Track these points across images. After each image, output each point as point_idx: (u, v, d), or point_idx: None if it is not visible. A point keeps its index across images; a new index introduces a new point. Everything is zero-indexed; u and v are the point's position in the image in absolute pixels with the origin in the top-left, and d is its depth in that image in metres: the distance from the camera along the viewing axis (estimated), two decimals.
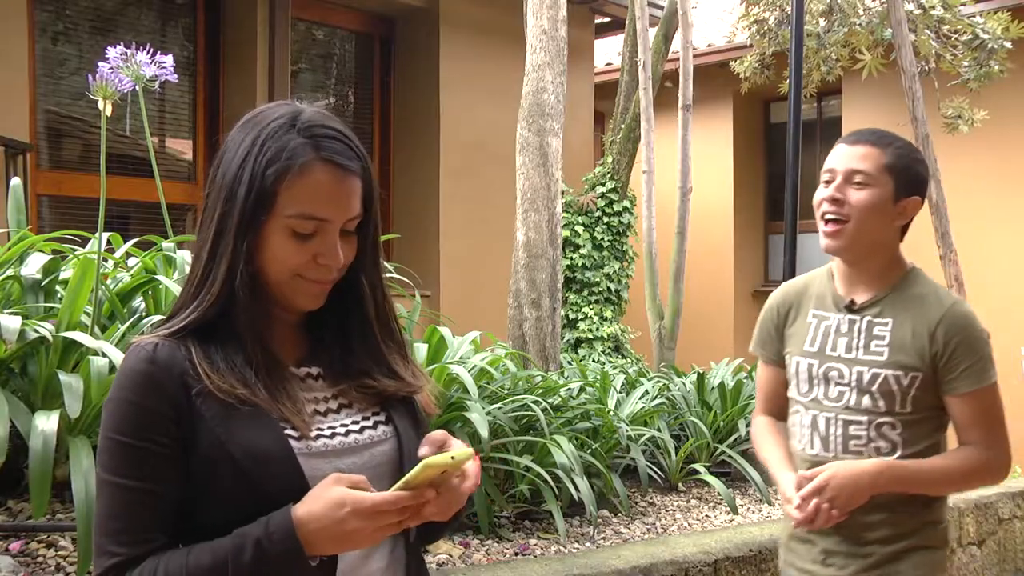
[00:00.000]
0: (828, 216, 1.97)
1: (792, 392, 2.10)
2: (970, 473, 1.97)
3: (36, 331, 2.42)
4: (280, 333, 1.28)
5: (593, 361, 7.00)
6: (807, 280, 2.16)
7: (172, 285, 2.85)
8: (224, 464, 1.15)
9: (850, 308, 2.02)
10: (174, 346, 1.19)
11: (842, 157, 1.98)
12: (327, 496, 1.11)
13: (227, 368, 1.19)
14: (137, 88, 2.68)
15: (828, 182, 1.99)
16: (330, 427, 1.24)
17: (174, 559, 1.13)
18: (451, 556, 2.87)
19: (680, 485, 4.18)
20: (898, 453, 1.95)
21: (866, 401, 1.96)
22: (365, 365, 1.31)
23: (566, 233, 7.52)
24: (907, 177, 1.97)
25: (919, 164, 2.01)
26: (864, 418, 1.97)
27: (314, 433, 1.21)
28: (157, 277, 2.91)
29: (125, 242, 3.22)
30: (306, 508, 1.12)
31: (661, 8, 7.81)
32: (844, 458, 1.97)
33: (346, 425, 1.26)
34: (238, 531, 1.12)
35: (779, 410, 2.19)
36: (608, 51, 10.94)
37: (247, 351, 1.21)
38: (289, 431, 1.19)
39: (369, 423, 1.29)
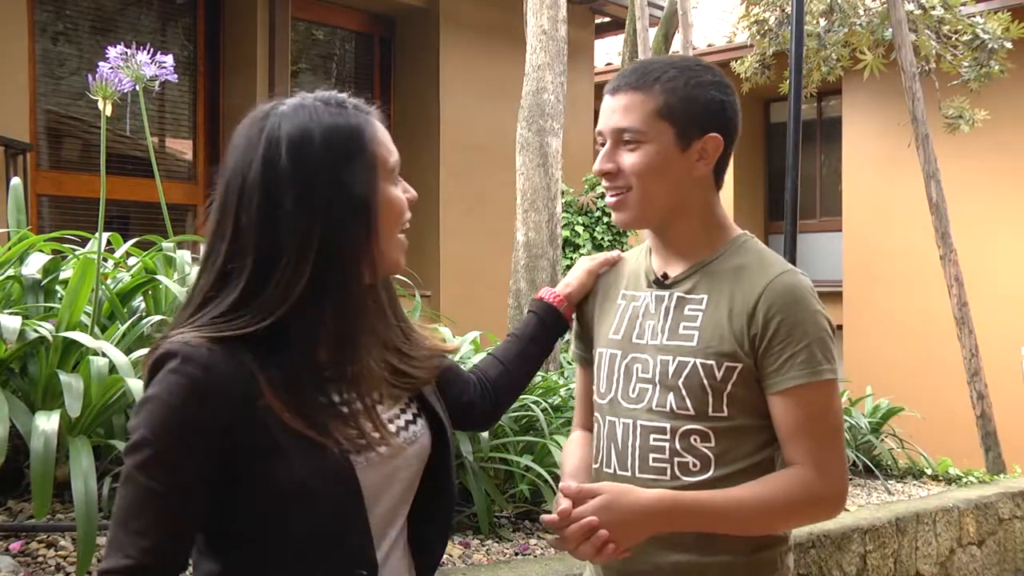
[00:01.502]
0: (608, 190, 1.58)
1: (594, 395, 1.66)
2: (791, 506, 1.46)
3: (36, 331, 2.42)
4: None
5: None
6: (624, 258, 1.74)
7: (172, 285, 2.85)
8: (285, 487, 1.12)
9: (660, 283, 1.59)
10: (229, 355, 1.12)
11: (607, 114, 1.56)
12: None
13: (293, 390, 1.13)
14: (137, 88, 2.68)
15: (602, 146, 1.58)
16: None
17: None
18: (451, 556, 2.87)
19: None
20: (710, 472, 1.49)
21: (671, 400, 1.51)
22: (393, 354, 1.31)
23: (566, 233, 7.52)
24: (691, 114, 1.52)
25: (706, 90, 1.53)
26: (667, 424, 1.51)
27: (383, 447, 1.21)
28: (157, 277, 2.91)
29: (125, 242, 3.22)
30: None
31: (661, 8, 7.81)
32: (642, 478, 1.52)
33: (392, 423, 1.26)
34: None
35: None
36: (608, 51, 10.95)
37: (311, 363, 1.16)
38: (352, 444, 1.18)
39: (409, 416, 1.29)
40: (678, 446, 1.51)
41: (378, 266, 1.22)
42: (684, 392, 1.50)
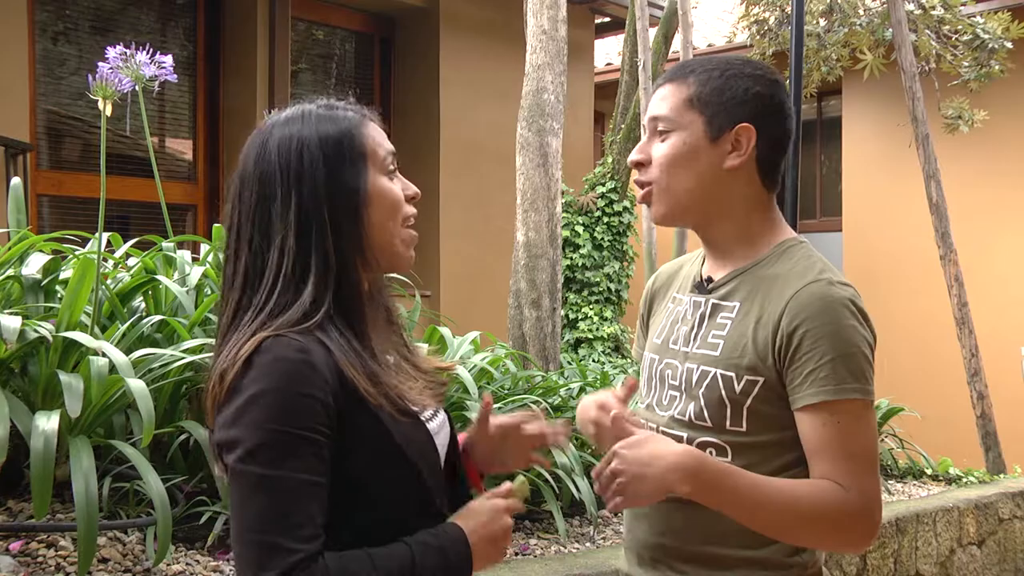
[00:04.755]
0: (637, 183, 1.54)
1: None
2: (819, 512, 1.34)
3: (36, 331, 2.42)
4: None
5: (593, 361, 7.00)
6: (686, 259, 1.68)
7: (172, 285, 2.86)
8: (391, 456, 1.18)
9: (700, 288, 1.54)
10: (309, 337, 1.17)
11: (648, 108, 1.53)
12: (483, 507, 1.25)
13: (361, 363, 1.19)
14: (137, 88, 2.68)
15: None
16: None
17: (354, 561, 1.12)
18: None
19: None
20: None
21: (691, 409, 1.45)
22: (417, 360, 1.37)
23: (566, 233, 7.52)
24: (722, 103, 1.46)
25: (740, 80, 1.47)
26: (684, 434, 1.45)
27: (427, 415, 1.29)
28: (157, 277, 2.91)
29: (125, 242, 3.22)
30: (470, 520, 1.22)
31: (661, 8, 7.81)
32: None
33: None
34: (414, 539, 1.17)
35: None
36: (608, 51, 10.94)
37: (362, 339, 1.22)
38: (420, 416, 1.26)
39: (442, 419, 1.35)
40: None
41: (376, 258, 1.26)
42: (703, 402, 1.45)
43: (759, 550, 1.43)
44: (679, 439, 1.45)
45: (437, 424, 1.29)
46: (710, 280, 1.53)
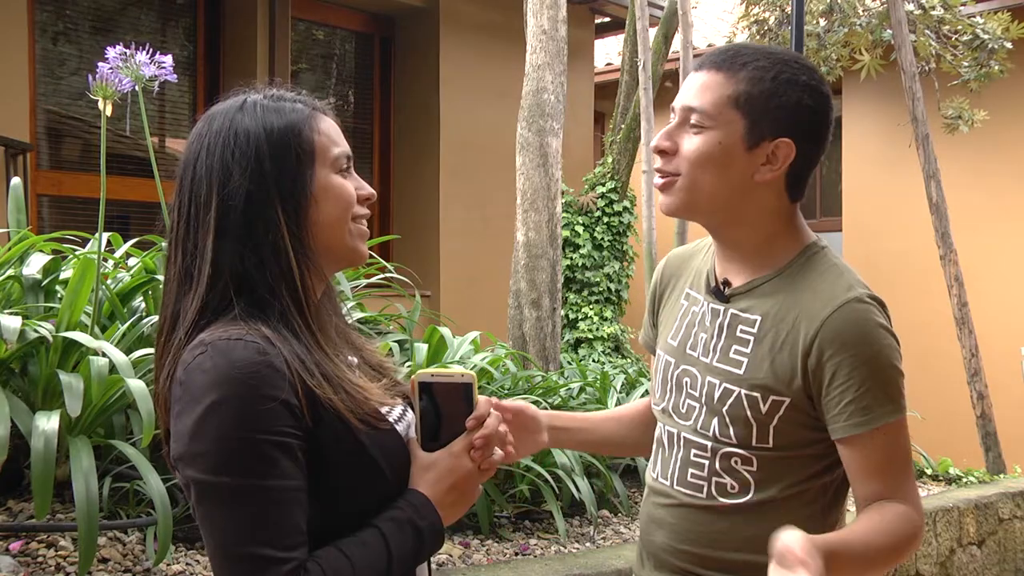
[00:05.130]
0: (657, 170, 1.45)
1: (651, 397, 1.60)
2: (903, 540, 1.36)
3: (36, 331, 2.42)
4: None
5: (593, 361, 7.00)
6: (697, 247, 1.61)
7: None
8: (355, 456, 1.13)
9: (718, 294, 1.48)
10: (260, 336, 1.10)
11: (684, 90, 1.44)
12: (425, 465, 1.19)
13: (317, 365, 1.13)
14: (137, 88, 2.69)
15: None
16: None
17: (331, 559, 1.07)
18: (451, 556, 2.87)
19: None
20: (749, 496, 1.41)
21: (715, 425, 1.43)
22: (369, 357, 1.32)
23: (566, 233, 7.52)
24: (769, 110, 1.37)
25: (794, 89, 1.38)
26: (709, 443, 1.44)
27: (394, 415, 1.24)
28: (157, 277, 2.91)
29: (125, 242, 3.22)
30: (425, 482, 1.18)
31: (661, 8, 7.81)
32: (678, 491, 1.47)
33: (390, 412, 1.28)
34: (382, 519, 1.13)
35: None
36: (608, 51, 10.94)
37: (316, 340, 1.16)
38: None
39: (399, 409, 1.28)
40: (718, 466, 1.43)
41: (325, 257, 1.19)
42: (728, 420, 1.42)
43: None
44: (703, 447, 1.45)
45: (405, 424, 1.25)
46: (727, 284, 1.47)
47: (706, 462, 1.44)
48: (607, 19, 8.88)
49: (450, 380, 1.20)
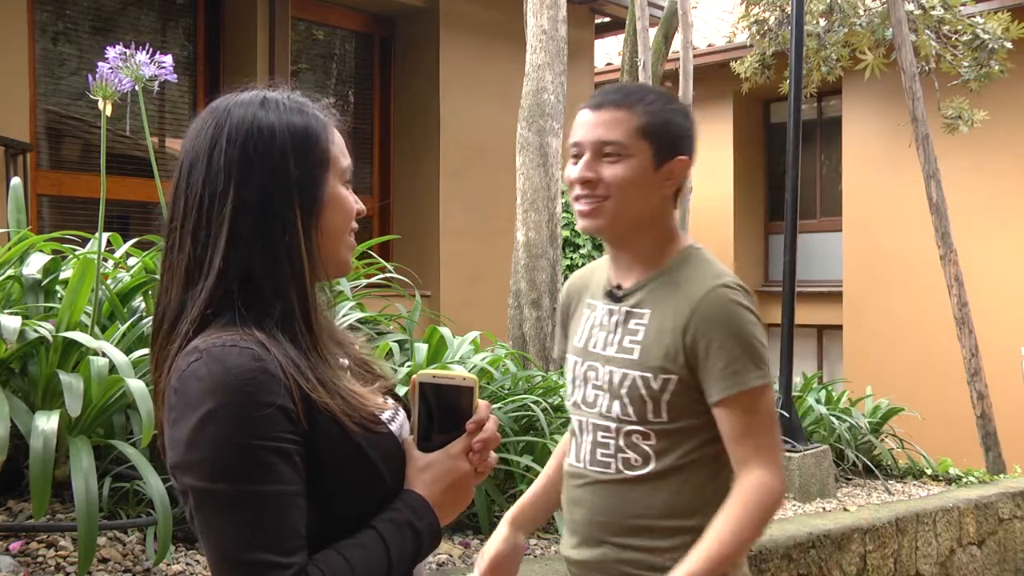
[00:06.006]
0: (581, 198, 1.67)
1: (567, 397, 1.83)
2: (761, 510, 1.56)
3: (36, 331, 2.42)
4: None
5: None
6: (595, 266, 1.86)
7: None
8: (355, 456, 1.12)
9: (612, 296, 1.72)
10: (255, 341, 1.08)
11: (588, 127, 1.67)
12: (423, 465, 1.18)
13: (313, 371, 1.12)
14: (137, 88, 2.69)
15: (577, 156, 1.68)
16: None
17: (331, 562, 1.07)
18: (451, 556, 2.87)
19: None
20: (651, 467, 1.63)
21: (616, 408, 1.65)
22: (356, 353, 1.30)
23: (566, 233, 7.52)
24: (666, 136, 1.66)
25: (678, 116, 1.70)
26: (613, 424, 1.66)
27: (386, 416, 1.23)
28: (157, 277, 2.91)
29: (125, 242, 3.22)
30: (422, 483, 1.17)
31: (661, 8, 7.81)
32: (591, 470, 1.69)
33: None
34: (380, 520, 1.12)
35: None
36: (608, 51, 10.95)
37: (315, 345, 1.15)
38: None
39: (391, 408, 1.27)
40: (622, 443, 1.65)
41: (326, 264, 1.18)
42: (627, 400, 1.64)
43: (688, 519, 1.63)
44: (607, 428, 1.67)
45: (397, 424, 1.24)
46: (619, 287, 1.71)
47: (612, 441, 1.66)
48: (607, 19, 8.88)
49: (451, 383, 1.20)
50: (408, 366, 3.35)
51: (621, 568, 1.67)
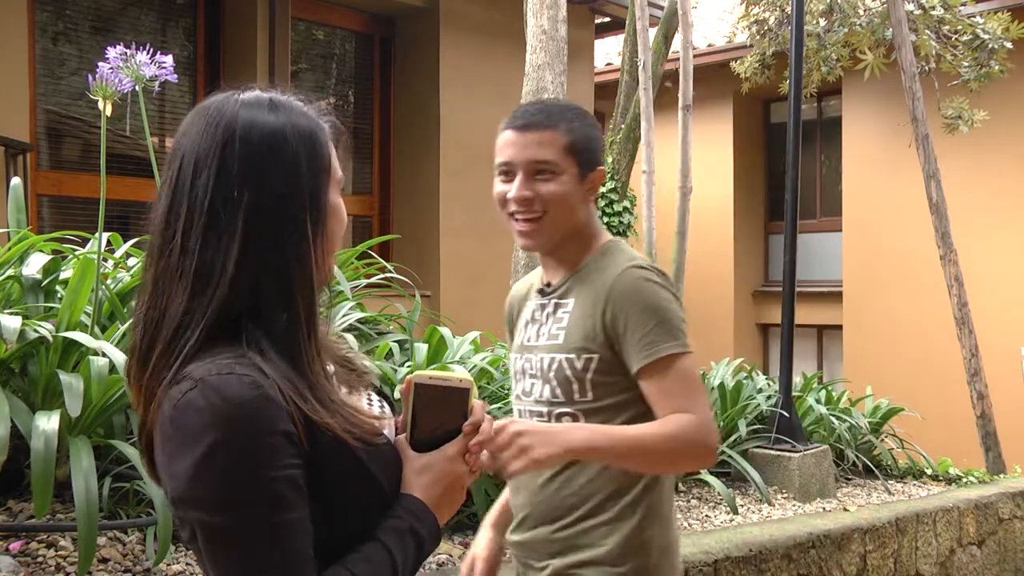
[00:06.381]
0: (520, 216, 1.78)
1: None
2: (677, 434, 1.64)
3: (36, 331, 2.42)
4: None
5: None
6: (530, 279, 1.98)
7: None
8: (357, 470, 1.11)
9: (543, 292, 1.86)
10: (250, 367, 1.05)
11: (518, 148, 1.78)
12: (419, 468, 1.18)
13: (311, 390, 1.09)
14: (137, 88, 2.69)
15: (507, 173, 1.79)
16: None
17: None
18: (451, 556, 2.87)
19: (680, 485, 4.18)
20: None
21: (547, 391, 1.78)
22: (336, 351, 1.28)
23: None
24: (588, 151, 1.79)
25: (594, 130, 1.84)
26: (545, 408, 1.78)
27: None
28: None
29: (125, 242, 3.22)
30: (420, 486, 1.17)
31: (661, 8, 7.81)
32: None
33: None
34: (384, 529, 1.12)
35: None
36: (608, 51, 10.94)
37: (315, 358, 1.12)
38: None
39: (377, 405, 1.26)
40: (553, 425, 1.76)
41: (322, 272, 1.16)
42: (555, 383, 1.77)
43: (616, 498, 1.74)
44: (540, 413, 1.79)
45: (389, 429, 1.22)
46: (548, 284, 1.85)
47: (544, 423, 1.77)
48: (607, 19, 8.88)
49: (447, 384, 1.19)
50: (408, 366, 3.35)
51: (551, 547, 1.78)
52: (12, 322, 2.32)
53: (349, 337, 3.24)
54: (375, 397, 1.27)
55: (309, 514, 1.06)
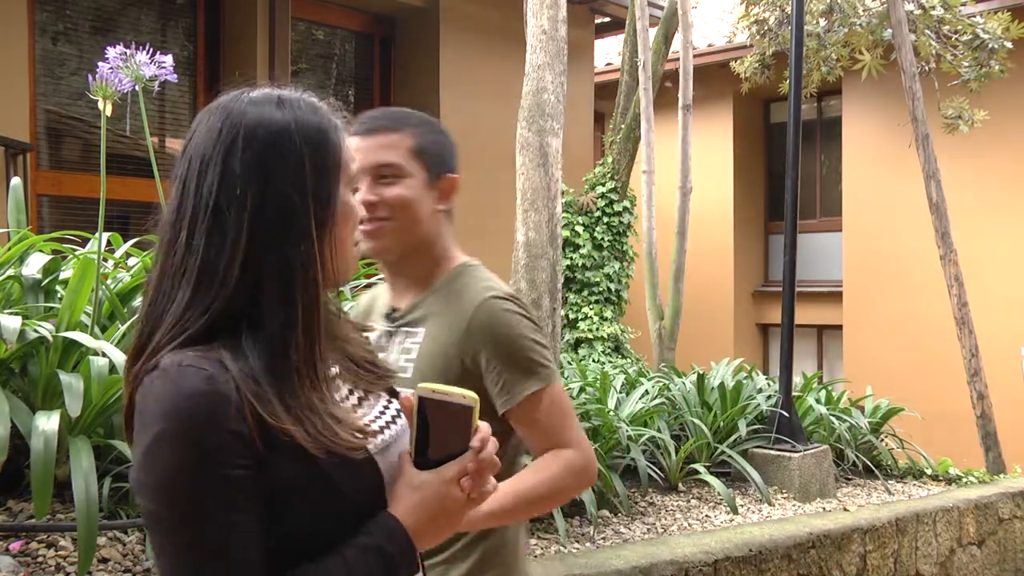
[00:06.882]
0: (364, 220, 1.67)
1: None
2: (558, 481, 1.61)
3: (36, 331, 2.42)
4: None
5: (593, 361, 7.00)
6: (373, 294, 1.89)
7: None
8: (317, 479, 1.06)
9: (389, 317, 1.75)
10: (214, 362, 1.04)
11: (363, 152, 1.69)
12: (414, 486, 1.12)
13: (273, 392, 1.06)
14: (137, 88, 2.69)
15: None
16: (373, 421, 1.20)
17: None
18: None
19: (680, 485, 4.18)
20: None
21: None
22: (356, 350, 1.25)
23: (566, 233, 7.52)
24: (436, 155, 1.76)
25: (444, 135, 1.81)
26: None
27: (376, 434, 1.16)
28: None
29: (125, 242, 3.22)
30: (407, 505, 1.11)
31: (661, 8, 7.81)
32: None
33: (379, 417, 1.21)
34: (350, 544, 1.07)
35: None
36: (608, 51, 10.95)
37: (300, 359, 1.09)
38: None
39: (392, 410, 1.24)
40: None
41: (329, 275, 1.13)
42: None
43: (451, 543, 1.64)
44: None
45: (393, 432, 1.18)
46: (395, 310, 1.74)
47: None
48: (607, 19, 8.89)
49: (450, 400, 1.15)
50: None
51: None
52: (12, 322, 2.31)
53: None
54: (392, 402, 1.24)
55: (259, 520, 1.03)
